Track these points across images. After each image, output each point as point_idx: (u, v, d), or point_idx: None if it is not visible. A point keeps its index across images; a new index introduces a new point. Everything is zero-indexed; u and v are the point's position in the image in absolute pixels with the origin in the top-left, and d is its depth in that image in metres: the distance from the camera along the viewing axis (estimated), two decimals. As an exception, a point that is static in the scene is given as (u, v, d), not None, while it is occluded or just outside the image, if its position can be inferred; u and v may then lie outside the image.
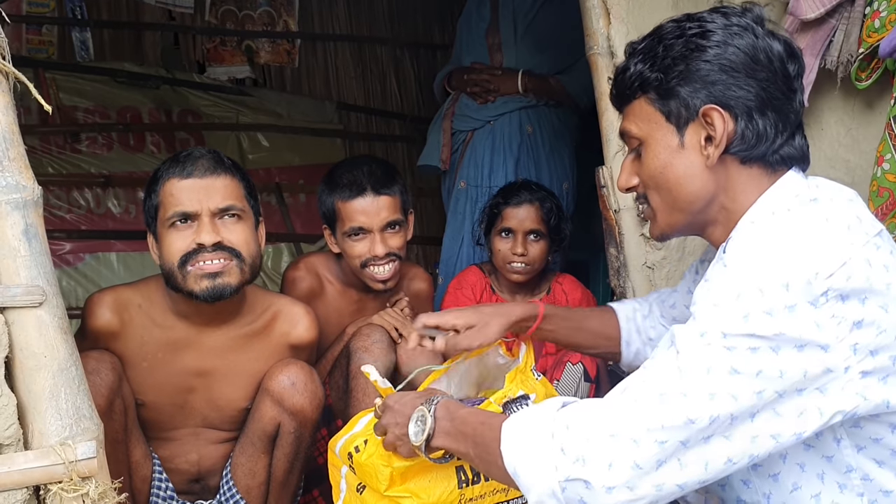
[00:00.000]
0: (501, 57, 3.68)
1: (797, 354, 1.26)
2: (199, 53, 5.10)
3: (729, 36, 1.44)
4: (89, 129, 4.62)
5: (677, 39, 1.47)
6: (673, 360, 1.31)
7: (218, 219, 2.17)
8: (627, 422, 1.29)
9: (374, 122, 5.50)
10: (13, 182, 1.60)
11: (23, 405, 1.60)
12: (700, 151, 1.47)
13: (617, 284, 2.46)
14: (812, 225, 1.35)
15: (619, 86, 1.57)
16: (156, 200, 2.19)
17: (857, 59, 2.10)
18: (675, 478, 1.28)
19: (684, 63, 1.45)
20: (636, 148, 1.56)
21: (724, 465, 1.29)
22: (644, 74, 1.50)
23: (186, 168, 2.17)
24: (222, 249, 2.15)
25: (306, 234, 4.91)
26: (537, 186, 3.04)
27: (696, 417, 1.26)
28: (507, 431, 1.42)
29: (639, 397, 1.31)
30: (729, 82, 1.43)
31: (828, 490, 1.39)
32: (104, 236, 4.52)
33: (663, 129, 1.50)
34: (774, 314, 1.25)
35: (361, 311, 2.85)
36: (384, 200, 2.65)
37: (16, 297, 1.58)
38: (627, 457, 1.28)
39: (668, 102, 1.48)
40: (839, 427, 1.36)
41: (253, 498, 2.38)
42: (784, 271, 1.27)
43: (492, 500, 1.90)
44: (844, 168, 2.28)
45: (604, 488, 1.28)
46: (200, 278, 2.14)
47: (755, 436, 1.28)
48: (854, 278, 1.27)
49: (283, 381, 2.27)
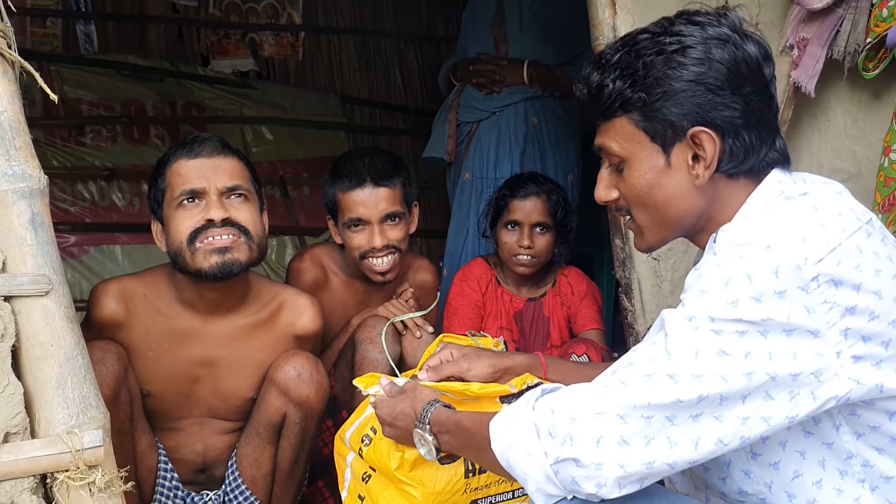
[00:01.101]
0: (507, 48, 3.67)
1: (786, 339, 1.26)
2: (203, 46, 5.10)
3: (709, 50, 1.40)
4: (93, 122, 4.63)
5: (657, 56, 1.42)
6: (661, 343, 1.32)
7: (225, 198, 2.18)
8: (614, 401, 1.30)
9: (378, 115, 5.50)
10: (19, 171, 1.61)
11: (29, 394, 1.60)
12: (688, 171, 1.44)
13: (622, 276, 2.45)
14: (801, 214, 1.35)
15: (595, 102, 1.50)
16: (163, 184, 2.20)
17: (865, 48, 2.09)
18: (665, 456, 1.29)
19: (667, 83, 1.41)
20: (616, 165, 1.52)
21: (715, 446, 1.29)
22: (625, 94, 1.44)
23: (194, 149, 2.19)
24: (231, 225, 2.16)
25: (310, 228, 4.91)
26: (544, 179, 3.03)
27: (684, 397, 1.27)
28: (494, 428, 1.43)
29: (626, 379, 1.32)
30: (716, 102, 1.40)
31: (829, 477, 1.39)
32: (108, 229, 4.53)
33: (648, 149, 1.46)
34: (763, 300, 1.26)
35: (366, 302, 2.85)
36: (383, 192, 2.64)
37: (22, 285, 1.58)
38: (614, 433, 1.29)
39: (652, 123, 1.44)
40: (837, 414, 1.36)
41: (258, 488, 2.38)
42: (773, 258, 1.27)
43: (497, 489, 1.90)
44: (851, 159, 2.27)
45: (594, 465, 1.29)
46: (210, 254, 2.14)
47: (746, 417, 1.29)
48: (844, 263, 1.28)
49: (288, 372, 2.27)
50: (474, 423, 1.51)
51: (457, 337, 2.07)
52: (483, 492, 1.88)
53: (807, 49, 2.18)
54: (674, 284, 2.43)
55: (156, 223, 2.27)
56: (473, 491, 1.86)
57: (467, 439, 1.53)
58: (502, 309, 2.97)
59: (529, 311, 2.98)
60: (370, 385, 1.88)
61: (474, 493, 1.87)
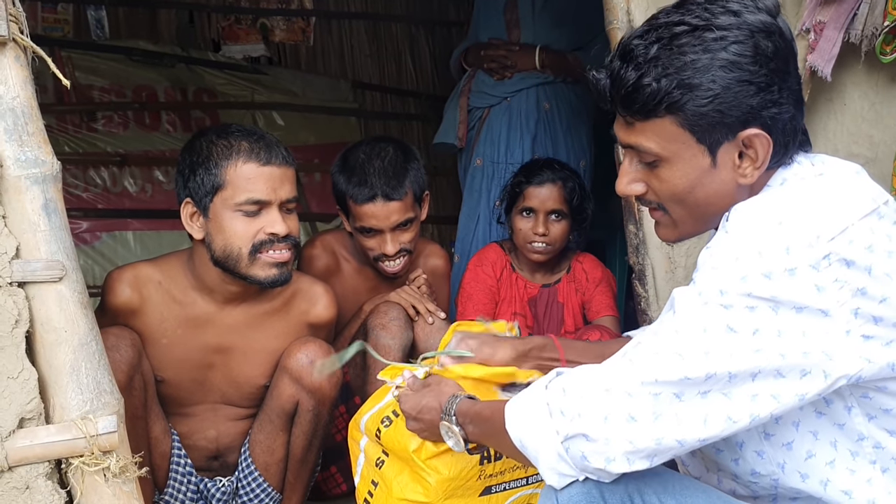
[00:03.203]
0: (519, 33, 3.64)
1: (795, 316, 1.25)
2: (214, 32, 5.08)
3: (757, 45, 1.34)
4: (105, 108, 4.62)
5: (703, 54, 1.34)
6: (670, 322, 1.32)
7: (285, 210, 2.19)
8: (622, 378, 1.31)
9: (389, 101, 5.48)
10: (32, 157, 1.61)
11: (44, 379, 1.61)
12: (733, 170, 1.40)
13: (636, 262, 2.44)
14: (815, 192, 1.34)
15: (632, 100, 1.40)
16: (219, 178, 2.13)
17: (882, 32, 2.07)
18: (674, 432, 1.29)
19: (718, 84, 1.34)
20: (650, 162, 1.45)
21: (725, 424, 1.29)
22: (673, 95, 1.35)
23: (263, 156, 2.15)
24: (289, 240, 2.18)
25: (322, 214, 4.91)
26: (560, 165, 3.00)
27: (692, 374, 1.27)
28: (509, 410, 1.44)
29: (634, 357, 1.33)
30: (766, 100, 1.35)
31: (841, 457, 1.39)
32: (121, 215, 4.52)
33: (693, 149, 1.40)
34: (773, 277, 1.25)
35: (378, 288, 2.85)
36: (395, 206, 2.65)
37: (36, 271, 1.59)
38: (622, 409, 1.29)
39: (700, 125, 1.37)
40: (849, 396, 1.35)
41: (271, 475, 2.39)
42: (785, 235, 1.26)
43: (511, 476, 1.91)
44: (867, 143, 2.25)
45: (603, 440, 1.30)
46: (270, 266, 2.16)
47: (755, 394, 1.28)
48: (856, 243, 1.27)
49: (301, 359, 2.28)
50: (493, 411, 1.52)
51: (470, 324, 2.07)
52: (497, 478, 1.88)
53: (823, 32, 2.16)
54: (687, 270, 2.42)
55: (190, 206, 2.20)
56: (487, 478, 1.86)
57: (487, 427, 1.54)
58: (517, 295, 2.96)
59: (544, 298, 2.97)
60: (396, 376, 1.87)
61: (488, 480, 1.87)
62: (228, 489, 2.42)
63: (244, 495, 2.42)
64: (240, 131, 2.20)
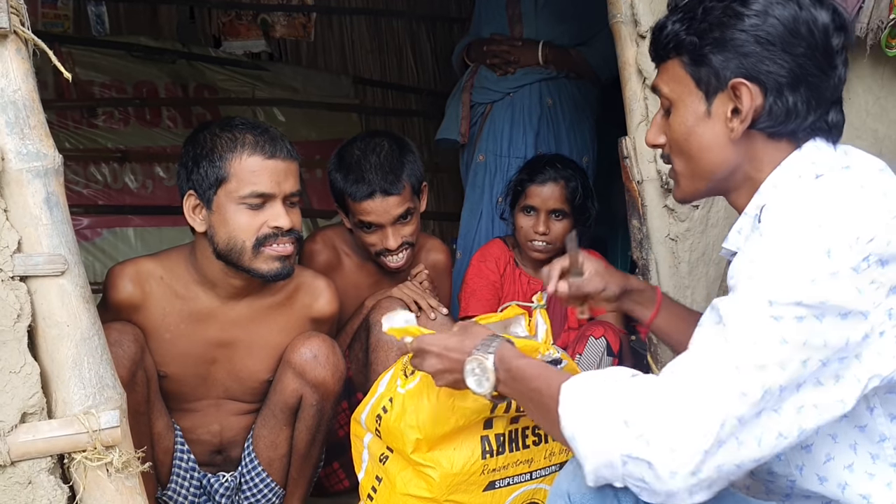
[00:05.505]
0: (521, 28, 3.64)
1: (840, 322, 1.24)
2: (214, 27, 5.07)
3: (770, 5, 1.39)
4: (105, 104, 4.61)
5: (718, 3, 1.42)
6: (720, 335, 1.27)
7: (288, 203, 2.18)
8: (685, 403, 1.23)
9: (390, 97, 5.46)
10: (34, 150, 1.60)
11: (46, 374, 1.60)
12: (725, 123, 1.44)
13: (640, 257, 2.43)
14: (848, 191, 1.32)
15: (655, 42, 1.53)
16: (223, 171, 2.13)
17: (888, 25, 2.07)
18: (734, 457, 1.24)
19: (720, 30, 1.41)
20: (667, 107, 1.54)
21: (776, 441, 1.25)
22: (679, 36, 1.46)
23: (268, 149, 2.15)
24: (292, 234, 2.18)
25: (323, 210, 4.90)
26: (564, 164, 2.99)
27: (748, 391, 1.22)
28: (567, 394, 1.36)
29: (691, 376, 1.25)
30: (762, 55, 1.39)
31: (861, 460, 1.38)
32: (121, 211, 4.51)
33: (692, 94, 1.47)
34: (818, 282, 1.23)
35: (379, 284, 2.85)
36: (394, 200, 2.64)
37: (38, 265, 1.58)
38: (690, 443, 1.22)
39: (699, 69, 1.45)
40: (873, 396, 1.34)
41: (275, 470, 2.38)
42: (825, 238, 1.25)
43: (514, 470, 1.90)
44: (872, 138, 2.25)
45: (667, 471, 1.22)
46: (273, 260, 2.16)
47: (801, 406, 1.26)
48: (893, 243, 1.26)
49: (305, 354, 2.27)
50: (541, 377, 1.45)
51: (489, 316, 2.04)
52: (500, 473, 1.88)
53: (828, 26, 2.15)
54: (691, 265, 2.41)
55: (193, 199, 2.18)
56: (491, 472, 1.86)
57: (527, 389, 1.47)
58: (520, 290, 2.96)
59: (546, 293, 2.96)
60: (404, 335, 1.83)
61: (492, 475, 1.87)
62: (232, 484, 2.42)
63: (247, 490, 2.41)
64: (244, 124, 2.19)
